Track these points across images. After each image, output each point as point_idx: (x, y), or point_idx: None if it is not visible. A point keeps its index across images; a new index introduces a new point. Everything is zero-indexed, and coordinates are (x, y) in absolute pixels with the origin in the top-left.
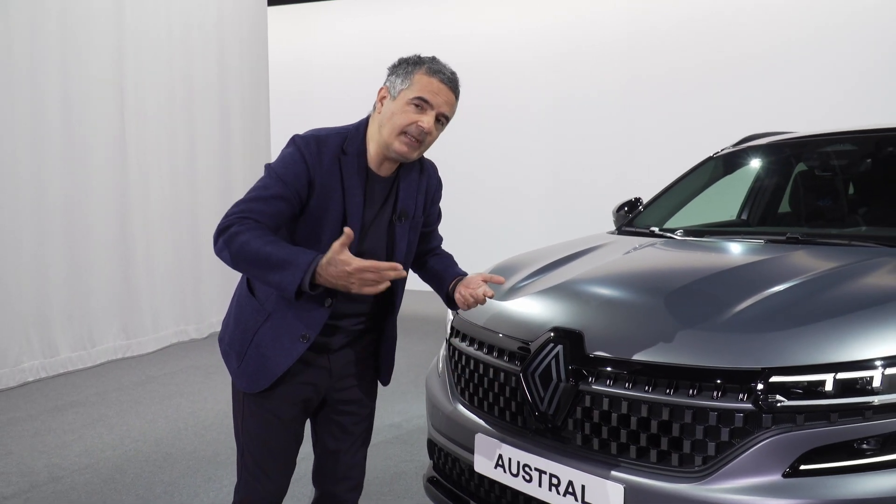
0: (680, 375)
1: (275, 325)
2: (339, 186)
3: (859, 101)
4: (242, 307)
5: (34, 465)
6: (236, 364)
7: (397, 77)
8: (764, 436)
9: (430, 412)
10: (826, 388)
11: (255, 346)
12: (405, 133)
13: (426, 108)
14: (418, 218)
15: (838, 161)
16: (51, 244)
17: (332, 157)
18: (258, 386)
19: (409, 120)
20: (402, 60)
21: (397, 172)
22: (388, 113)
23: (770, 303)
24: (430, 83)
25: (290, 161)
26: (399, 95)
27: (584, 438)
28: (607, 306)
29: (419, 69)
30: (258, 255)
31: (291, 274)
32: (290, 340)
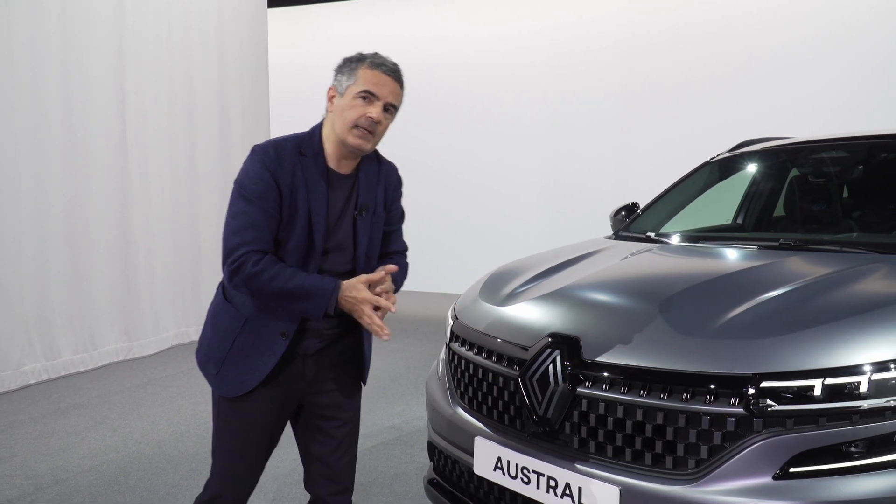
0: (674, 380)
1: (254, 327)
2: (302, 187)
3: (856, 107)
4: (219, 316)
5: (38, 467)
6: (215, 371)
7: (343, 75)
8: (755, 439)
9: (431, 415)
10: (815, 393)
11: (235, 350)
12: (357, 126)
13: (373, 100)
14: (380, 213)
15: (832, 167)
16: (52, 247)
17: (291, 159)
18: (243, 388)
19: (359, 113)
20: (346, 59)
21: (357, 169)
22: (338, 110)
23: (762, 309)
24: (374, 76)
25: (256, 175)
26: (346, 92)
27: (581, 441)
28: (604, 312)
29: (362, 65)
30: (282, 291)
31: (317, 304)
32: (270, 339)
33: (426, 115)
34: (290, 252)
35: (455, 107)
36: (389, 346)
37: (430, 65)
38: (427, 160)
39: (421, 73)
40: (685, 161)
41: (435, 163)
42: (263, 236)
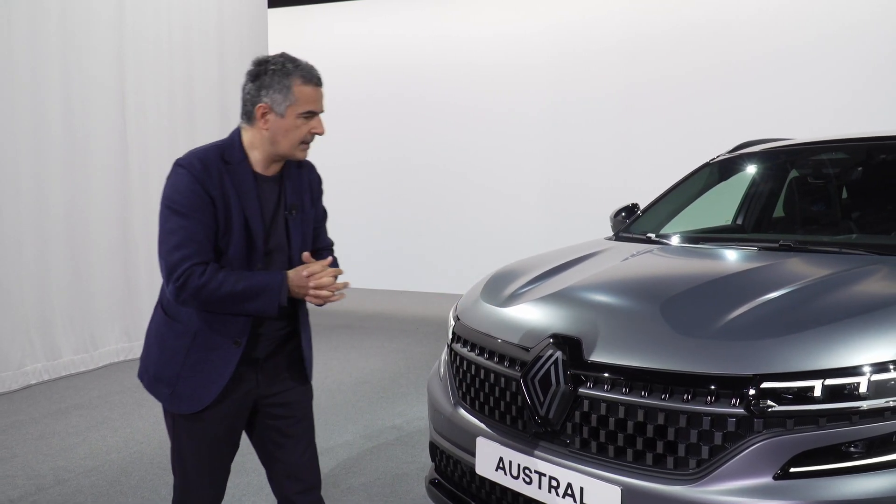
0: (675, 381)
1: (204, 340)
2: (233, 195)
3: (857, 107)
4: (164, 335)
5: (39, 467)
6: (169, 390)
7: (275, 93)
8: (756, 440)
9: (432, 415)
10: (815, 394)
11: (189, 366)
12: (304, 142)
13: (315, 116)
14: (308, 211)
15: (831, 169)
16: (52, 247)
17: (217, 168)
18: (202, 403)
19: (306, 131)
20: (269, 70)
21: (282, 171)
22: (281, 129)
23: (762, 311)
24: (312, 92)
25: (186, 189)
26: (287, 112)
27: (583, 442)
28: (605, 313)
29: (294, 80)
30: (234, 294)
31: (269, 299)
32: (224, 349)
33: (426, 115)
34: (231, 259)
35: (455, 107)
36: (390, 347)
37: (430, 65)
38: (427, 160)
39: (421, 73)
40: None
41: (435, 163)
42: (204, 248)
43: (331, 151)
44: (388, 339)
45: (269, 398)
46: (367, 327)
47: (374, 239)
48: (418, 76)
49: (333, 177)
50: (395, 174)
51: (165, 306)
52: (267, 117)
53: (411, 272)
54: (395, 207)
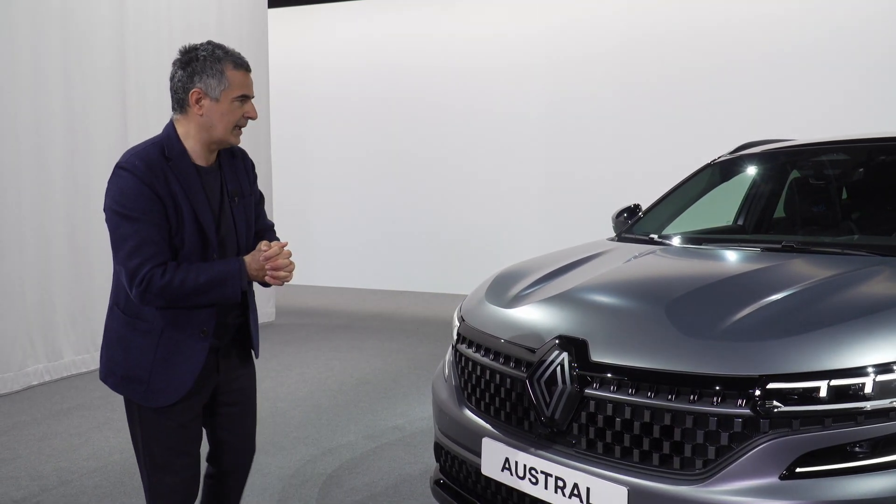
0: (681, 382)
1: (172, 335)
2: (179, 190)
3: (857, 108)
4: (126, 336)
5: (43, 468)
6: (142, 388)
7: (209, 77)
8: (762, 440)
9: (437, 416)
10: (820, 395)
11: (160, 361)
12: (238, 126)
13: (248, 101)
14: (248, 196)
15: (832, 170)
16: (54, 248)
17: (160, 166)
18: (178, 394)
19: (240, 114)
20: (200, 57)
21: (218, 161)
22: (216, 114)
23: (767, 312)
24: (243, 77)
25: (134, 192)
26: (222, 96)
27: (589, 442)
28: (610, 315)
29: (226, 65)
30: (198, 288)
31: (232, 286)
32: (192, 341)
33: (425, 115)
34: (188, 254)
35: (454, 107)
36: (390, 347)
37: (430, 66)
38: (427, 160)
39: (421, 74)
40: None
41: (435, 163)
42: (160, 249)
43: (330, 151)
44: (388, 339)
45: (225, 385)
46: (367, 327)
47: (374, 239)
48: (418, 77)
49: (333, 177)
50: (395, 174)
51: (123, 307)
52: (202, 102)
53: (411, 272)
54: (395, 208)
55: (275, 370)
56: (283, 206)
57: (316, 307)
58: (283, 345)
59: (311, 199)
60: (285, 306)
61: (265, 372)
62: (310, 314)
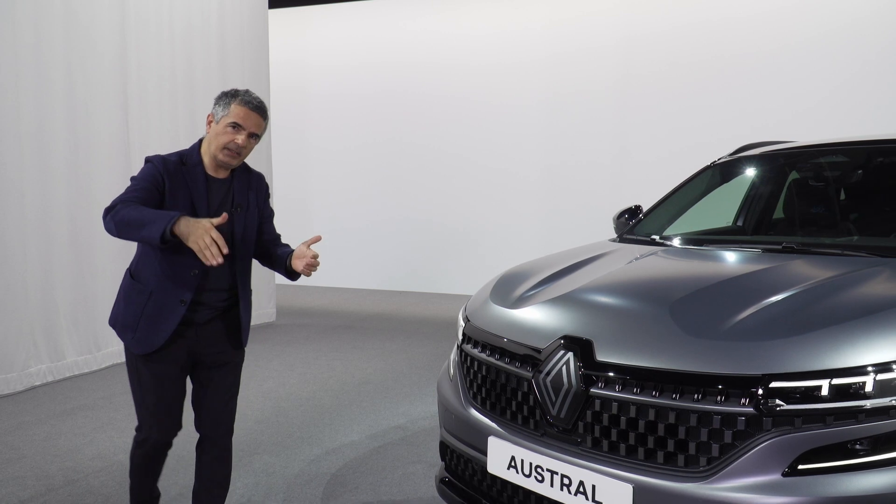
0: (685, 381)
1: (158, 298)
2: (184, 186)
3: (857, 108)
4: (129, 293)
5: (48, 468)
6: (132, 335)
7: (219, 107)
8: (764, 438)
9: (443, 415)
10: (822, 393)
11: (145, 317)
12: (226, 148)
13: (240, 130)
14: (253, 210)
15: (831, 171)
16: (56, 249)
17: (175, 167)
18: (153, 345)
19: (228, 139)
20: (224, 94)
21: (231, 176)
22: (213, 134)
23: (769, 312)
24: (242, 111)
25: (147, 172)
26: (221, 121)
27: (594, 441)
28: (615, 315)
29: (235, 100)
30: (134, 219)
31: (157, 225)
32: (172, 306)
33: (425, 115)
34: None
35: (454, 107)
36: (391, 347)
37: (429, 65)
38: (427, 160)
39: (420, 72)
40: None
41: (435, 163)
42: (141, 197)
43: (330, 151)
44: (389, 339)
45: (208, 356)
46: (367, 328)
47: (373, 239)
48: (418, 76)
49: (333, 177)
50: (395, 174)
51: (132, 271)
52: (210, 124)
53: (411, 273)
54: (395, 208)
55: (276, 370)
56: (283, 206)
57: (316, 307)
58: (285, 345)
59: (310, 199)
60: (286, 307)
61: (267, 372)
62: (310, 314)
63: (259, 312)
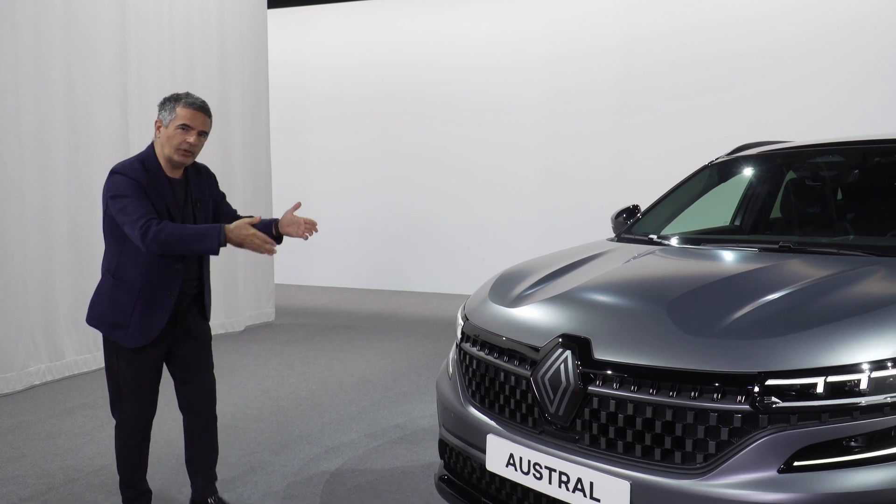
0: (682, 379)
1: (147, 296)
2: (154, 190)
3: (856, 107)
4: (112, 294)
5: (49, 467)
6: (123, 332)
7: (166, 112)
8: (760, 435)
9: (442, 413)
10: (817, 391)
11: (136, 314)
12: (180, 148)
13: (189, 130)
14: (208, 201)
15: (828, 171)
16: (56, 249)
17: (142, 175)
18: (147, 339)
19: (180, 140)
20: (167, 99)
21: (186, 175)
22: (165, 137)
23: (765, 310)
24: (189, 112)
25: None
26: (170, 124)
27: (592, 438)
28: (612, 314)
29: (179, 104)
30: (183, 237)
31: (211, 240)
32: (162, 300)
33: (424, 115)
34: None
35: (453, 106)
36: (390, 347)
37: (429, 64)
38: (426, 160)
39: (420, 72)
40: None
41: (434, 163)
42: (150, 210)
43: (329, 150)
44: (388, 338)
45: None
46: (366, 327)
47: (372, 239)
48: (417, 76)
49: (332, 176)
50: (394, 173)
51: (113, 272)
52: (160, 129)
53: (410, 272)
54: (394, 207)
55: (276, 370)
56: (282, 206)
57: (315, 307)
58: (284, 344)
59: (309, 199)
60: (285, 306)
61: (266, 371)
62: (309, 314)
63: (258, 312)
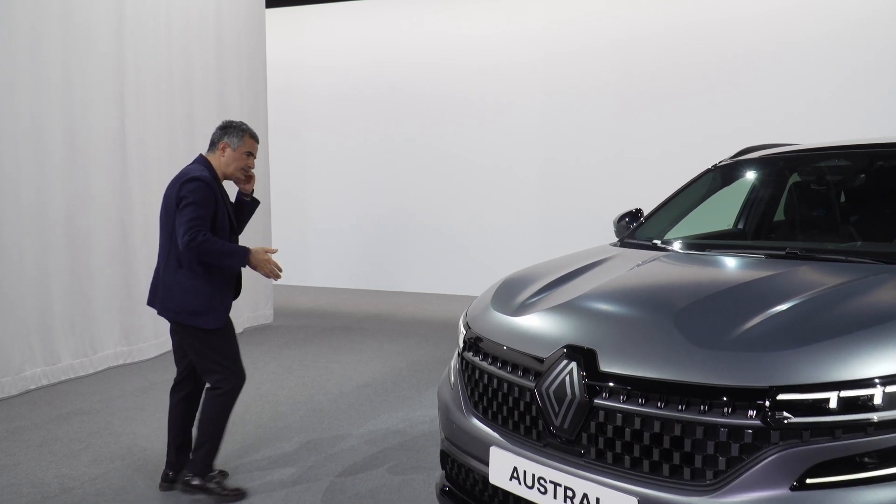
0: (691, 392)
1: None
2: (221, 199)
3: (858, 107)
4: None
5: (44, 475)
6: (205, 317)
7: (234, 138)
8: (772, 451)
9: (443, 423)
10: (830, 406)
11: (215, 300)
12: (243, 170)
13: (251, 156)
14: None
15: (835, 175)
16: (52, 251)
17: (213, 183)
18: (223, 320)
19: (244, 163)
20: (234, 126)
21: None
22: (230, 158)
23: (776, 321)
24: (253, 143)
25: (206, 195)
26: (238, 148)
27: (598, 452)
28: (618, 324)
29: (246, 134)
30: (220, 251)
31: (239, 259)
32: (229, 289)
33: (422, 115)
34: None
35: (451, 106)
36: (389, 349)
37: (427, 64)
38: (425, 160)
39: (418, 72)
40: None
41: (433, 162)
42: (205, 223)
43: (327, 150)
44: (387, 341)
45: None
46: (365, 329)
47: (371, 239)
48: (416, 75)
49: (330, 176)
50: (393, 173)
51: (191, 265)
52: (225, 150)
53: (409, 273)
54: (392, 207)
55: (274, 373)
56: (280, 206)
57: (313, 308)
58: (282, 347)
59: (307, 199)
60: (283, 307)
61: (265, 375)
62: (307, 315)
63: (256, 314)
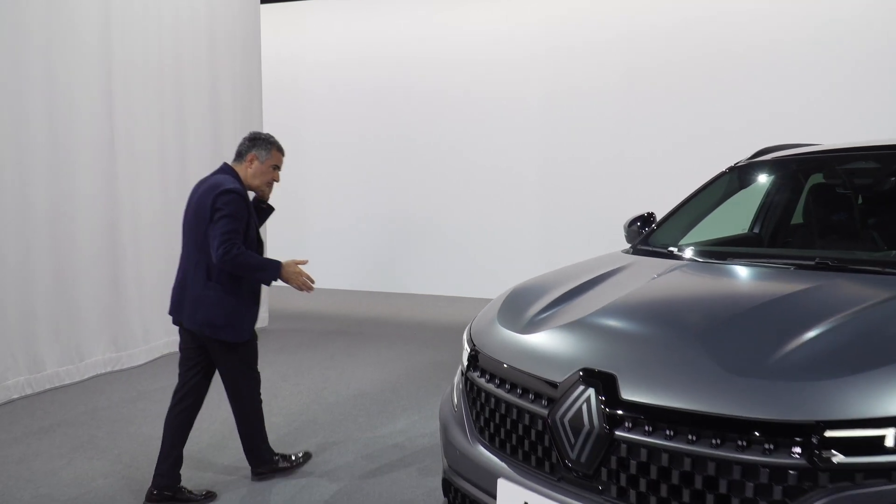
0: (726, 426)
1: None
2: (252, 212)
3: (869, 104)
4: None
5: (21, 495)
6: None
7: (263, 151)
8: (819, 495)
9: (446, 449)
10: (887, 444)
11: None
12: (269, 182)
13: (278, 170)
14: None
15: (862, 178)
16: (36, 254)
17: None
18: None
19: (271, 177)
20: (261, 139)
21: None
22: (257, 170)
23: (819, 344)
24: (280, 157)
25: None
26: (265, 161)
27: (620, 490)
28: (640, 345)
29: (273, 147)
30: (252, 265)
31: (271, 273)
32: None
33: (421, 113)
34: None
35: (451, 106)
36: (388, 355)
37: (426, 61)
38: (424, 159)
39: (417, 69)
40: (685, 161)
41: (432, 162)
42: (239, 236)
43: (325, 149)
44: (385, 346)
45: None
46: (363, 333)
47: (369, 240)
48: (415, 74)
49: (327, 176)
50: (391, 172)
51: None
52: (253, 162)
53: (408, 274)
54: (390, 207)
55: (269, 380)
56: (277, 205)
57: (309, 311)
58: (277, 353)
59: (304, 198)
60: (278, 310)
61: None
62: (303, 318)
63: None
